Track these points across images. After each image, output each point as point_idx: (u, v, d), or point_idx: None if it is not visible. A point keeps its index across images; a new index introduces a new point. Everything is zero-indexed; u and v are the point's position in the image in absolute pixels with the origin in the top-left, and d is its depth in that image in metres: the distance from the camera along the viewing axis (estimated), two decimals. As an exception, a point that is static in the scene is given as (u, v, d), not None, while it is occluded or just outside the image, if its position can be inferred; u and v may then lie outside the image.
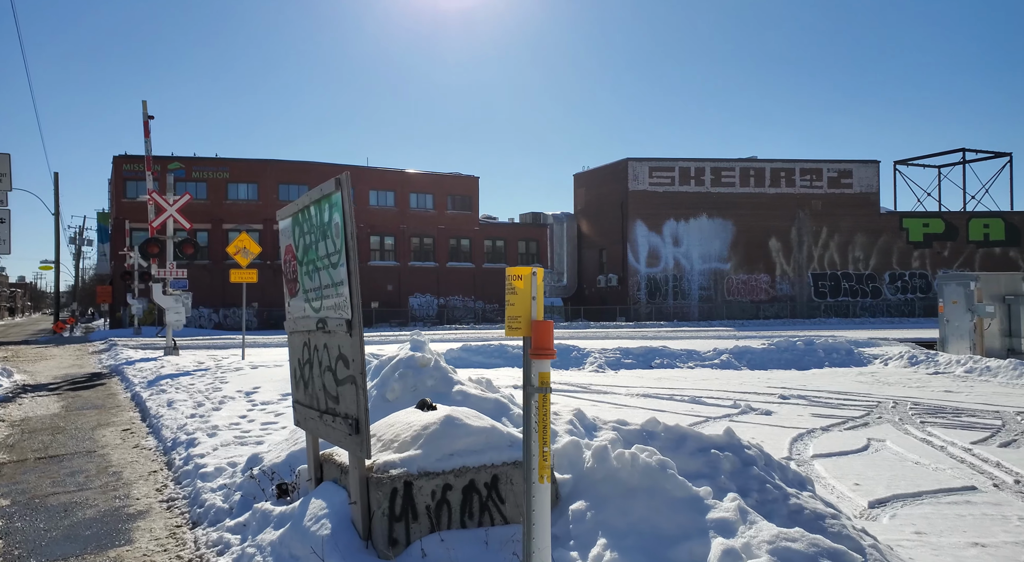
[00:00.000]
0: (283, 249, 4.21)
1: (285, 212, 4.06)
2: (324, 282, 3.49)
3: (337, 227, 3.22)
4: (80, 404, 10.75)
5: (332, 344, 3.41)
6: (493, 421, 3.54)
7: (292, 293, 4.07)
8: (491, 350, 18.99)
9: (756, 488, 3.57)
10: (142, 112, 18.05)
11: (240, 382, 10.87)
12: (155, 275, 17.98)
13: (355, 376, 3.12)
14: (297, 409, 4.08)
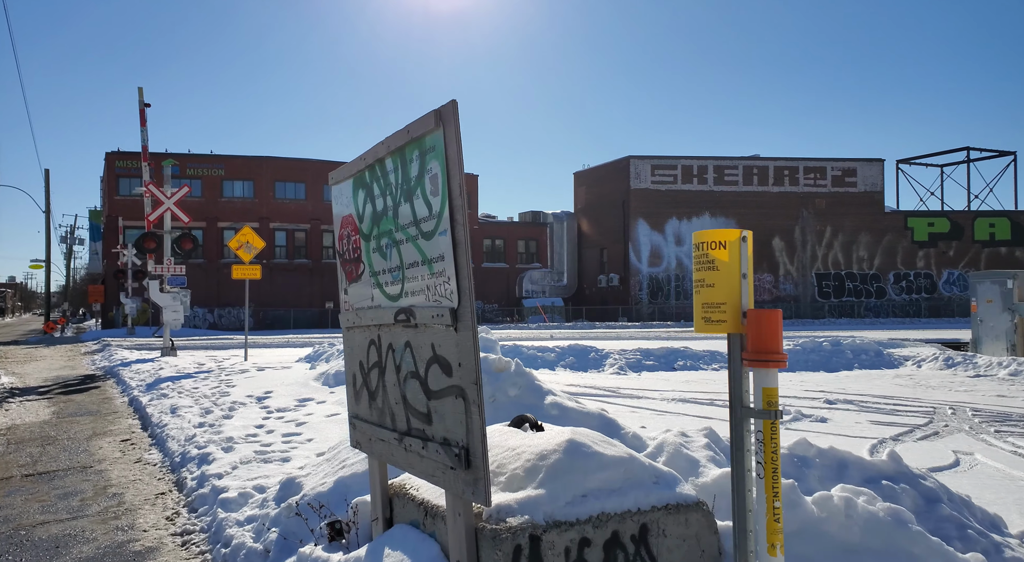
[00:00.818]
0: (338, 221, 3.33)
1: (343, 172, 3.18)
2: (409, 260, 2.62)
3: (436, 182, 2.35)
4: (73, 410, 9.82)
5: (421, 342, 2.54)
6: (627, 448, 2.68)
7: (352, 277, 3.20)
8: (504, 351, 18.11)
9: (957, 535, 2.75)
10: (138, 100, 17.09)
11: (249, 386, 9.96)
12: (152, 272, 17.00)
13: (464, 388, 2.26)
14: (357, 427, 3.21)
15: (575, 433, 2.66)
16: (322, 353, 13.50)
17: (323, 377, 9.72)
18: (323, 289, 45.78)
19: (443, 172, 2.30)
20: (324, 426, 6.66)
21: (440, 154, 2.30)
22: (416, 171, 2.50)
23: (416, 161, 2.49)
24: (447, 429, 2.39)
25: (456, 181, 2.24)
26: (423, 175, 2.45)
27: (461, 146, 2.22)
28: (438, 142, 2.30)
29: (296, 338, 27.91)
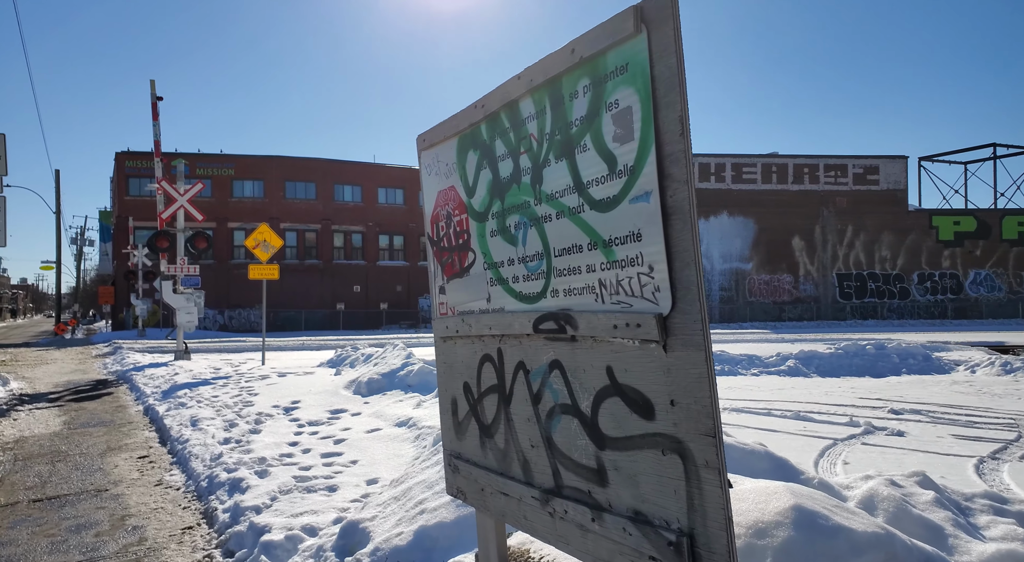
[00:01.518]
0: (430, 198, 2.55)
1: (441, 132, 2.40)
2: (561, 243, 1.84)
3: (627, 119, 1.57)
4: (85, 419, 9.10)
5: (584, 363, 1.76)
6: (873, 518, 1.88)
7: (453, 271, 2.42)
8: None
9: None
10: (150, 93, 16.41)
11: (273, 394, 9.21)
12: (165, 272, 16.31)
13: (682, 440, 1.47)
14: (461, 470, 2.42)
15: (793, 492, 1.86)
16: (346, 357, 12.75)
17: (354, 385, 8.96)
18: (334, 290, 45.16)
19: (645, 102, 1.51)
20: (367, 445, 5.89)
21: (639, 75, 1.51)
22: (584, 109, 1.71)
23: (584, 95, 1.70)
24: (641, 498, 1.59)
25: (673, 113, 1.45)
26: (598, 114, 1.66)
27: (683, 58, 1.42)
28: (636, 57, 1.51)
29: (310, 340, 27.22)
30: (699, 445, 1.43)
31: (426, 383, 8.28)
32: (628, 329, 1.59)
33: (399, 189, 48.60)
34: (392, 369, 8.83)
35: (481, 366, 2.29)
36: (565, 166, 1.80)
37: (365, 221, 46.85)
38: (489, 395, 2.25)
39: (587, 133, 1.71)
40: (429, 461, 3.78)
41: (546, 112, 1.86)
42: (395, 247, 48.45)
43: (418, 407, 6.98)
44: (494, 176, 2.14)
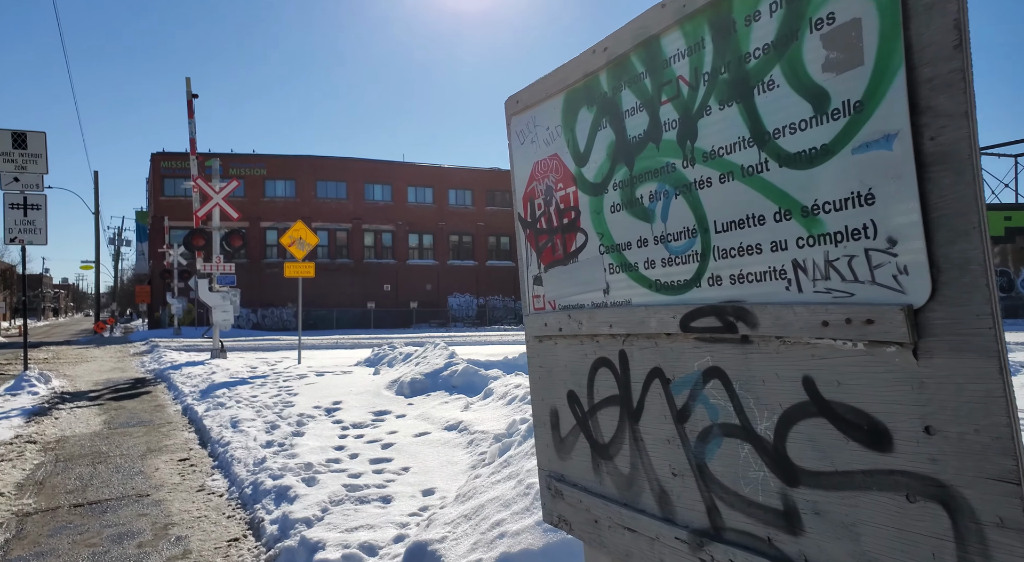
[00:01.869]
0: (524, 169, 2.15)
1: (542, 89, 1.99)
2: (725, 215, 1.42)
3: (851, 37, 1.14)
4: (124, 419, 8.95)
5: (773, 372, 1.34)
6: None
7: (553, 257, 2.01)
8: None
9: None
10: (185, 90, 16.37)
11: (313, 394, 8.94)
12: (200, 270, 16.27)
13: (958, 491, 1.04)
14: (564, 495, 2.02)
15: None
16: (383, 356, 12.47)
17: (396, 385, 8.64)
18: (364, 289, 45.24)
19: (887, 8, 1.08)
20: (417, 450, 5.53)
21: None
22: (772, 34, 1.29)
23: (772, 14, 1.28)
24: (864, 557, 1.17)
25: (942, 17, 1.02)
26: (795, 37, 1.24)
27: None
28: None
29: (344, 339, 27.15)
30: (983, 494, 1.00)
31: (471, 384, 7.92)
32: (849, 327, 1.16)
33: (428, 188, 48.52)
34: (435, 369, 8.49)
35: (594, 372, 1.88)
36: (736, 112, 1.38)
37: (395, 220, 46.86)
38: (606, 408, 1.84)
39: (775, 65, 1.28)
40: (500, 475, 3.39)
41: (704, 46, 1.44)
42: (425, 246, 48.41)
43: (466, 410, 6.61)
44: (618, 136, 1.72)
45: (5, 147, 12.05)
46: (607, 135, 1.77)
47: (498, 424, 5.65)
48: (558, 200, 1.99)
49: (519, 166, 2.17)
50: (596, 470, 1.89)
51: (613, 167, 1.76)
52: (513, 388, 6.49)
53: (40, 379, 11.87)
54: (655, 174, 1.61)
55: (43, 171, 12.33)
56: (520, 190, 2.17)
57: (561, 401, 2.04)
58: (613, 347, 1.80)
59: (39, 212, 12.29)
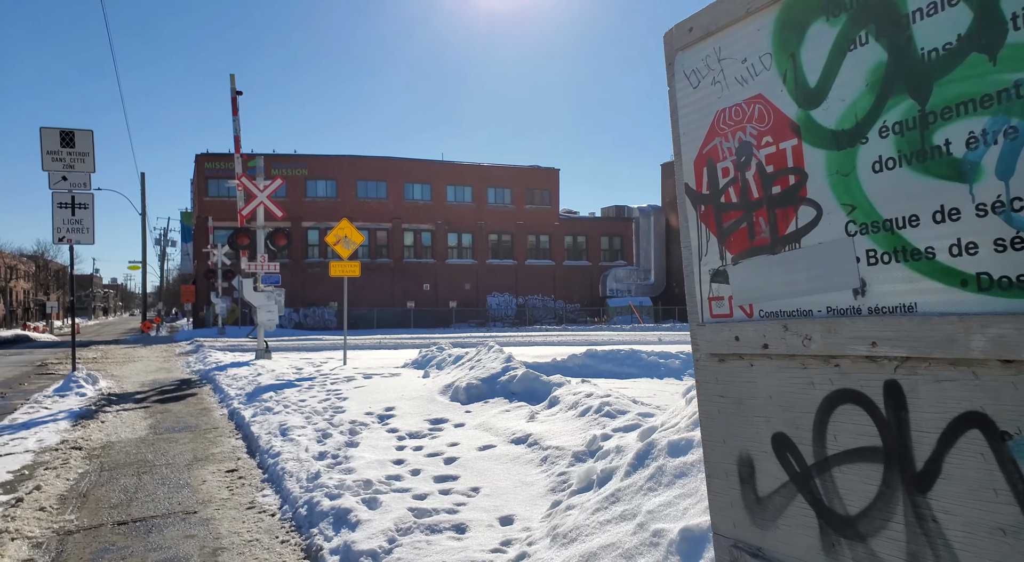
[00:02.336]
0: (697, 128, 1.57)
1: (738, 4, 1.42)
2: None
3: None
4: (170, 423, 8.67)
5: None
6: None
7: (756, 241, 1.44)
8: (620, 357, 16.22)
9: None
10: (230, 88, 16.24)
11: (363, 399, 8.51)
12: (245, 269, 16.11)
13: None
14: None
15: None
16: (432, 358, 12.03)
17: (450, 390, 8.15)
18: (404, 289, 45.19)
19: None
20: (484, 467, 5.00)
21: None
22: None
23: None
24: None
25: None
26: None
27: None
28: None
29: (386, 338, 26.92)
30: None
31: (532, 391, 7.37)
32: None
33: (467, 187, 48.23)
34: (492, 374, 7.97)
35: (829, 410, 1.30)
36: None
37: (434, 219, 46.71)
38: (853, 464, 1.26)
39: None
40: (607, 512, 2.82)
41: None
42: (463, 245, 48.15)
43: (532, 420, 6.05)
44: (894, 54, 1.14)
45: (53, 146, 11.98)
46: (868, 55, 1.18)
47: (573, 439, 5.08)
48: (762, 160, 1.41)
49: (689, 119, 1.59)
50: (830, 552, 1.30)
51: (880, 103, 1.17)
52: (584, 397, 5.92)
53: (88, 380, 11.76)
54: (982, 104, 1.02)
55: (90, 170, 12.23)
56: (690, 151, 1.60)
57: (760, 446, 1.46)
58: (871, 375, 1.21)
59: (86, 211, 12.20)
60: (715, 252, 1.55)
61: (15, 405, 10.45)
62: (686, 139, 1.61)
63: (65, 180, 12.08)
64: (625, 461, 3.13)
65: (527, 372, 7.65)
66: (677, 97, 1.63)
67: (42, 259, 71.89)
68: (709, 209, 1.56)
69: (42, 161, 11.96)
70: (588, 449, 4.58)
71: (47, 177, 12.05)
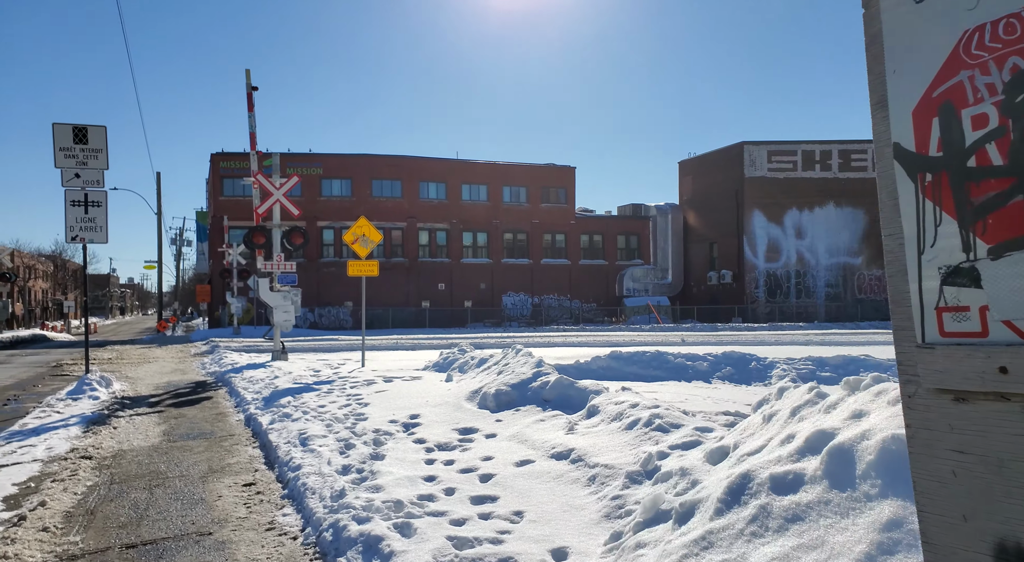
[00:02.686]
0: (918, 63, 1.08)
1: None
2: None
3: None
4: (184, 429, 8.29)
5: None
6: None
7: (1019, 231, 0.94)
8: (646, 359, 15.71)
9: None
10: (245, 83, 15.90)
11: (385, 405, 8.08)
12: (261, 269, 15.77)
13: None
14: None
15: None
16: (453, 360, 11.59)
17: (478, 397, 7.69)
18: (419, 288, 44.85)
19: None
20: (525, 487, 4.54)
21: None
22: None
23: None
24: None
25: None
26: None
27: None
28: None
29: (403, 339, 26.55)
30: None
31: (567, 398, 6.89)
32: None
33: (482, 185, 47.81)
34: (522, 379, 7.50)
35: None
36: None
37: (449, 218, 46.34)
38: None
39: None
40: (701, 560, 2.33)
41: None
42: (479, 244, 47.75)
43: (571, 432, 5.58)
44: None
45: (66, 142, 11.68)
46: None
47: (622, 456, 4.60)
48: None
49: (907, 46, 1.11)
50: None
51: None
52: (629, 407, 5.43)
53: (101, 383, 11.45)
54: None
55: (104, 167, 11.92)
56: (906, 96, 1.11)
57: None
58: None
59: (100, 209, 11.89)
60: (953, 241, 1.07)
61: (27, 409, 10.16)
62: (899, 79, 1.13)
63: (78, 177, 11.77)
64: (711, 495, 2.64)
65: (561, 378, 7.18)
66: (883, 16, 1.14)
67: (60, 259, 72.46)
68: (942, 179, 1.08)
69: (55, 158, 11.67)
70: (643, 469, 4.10)
71: (60, 175, 11.75)
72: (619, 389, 6.55)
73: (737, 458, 2.95)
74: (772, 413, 3.26)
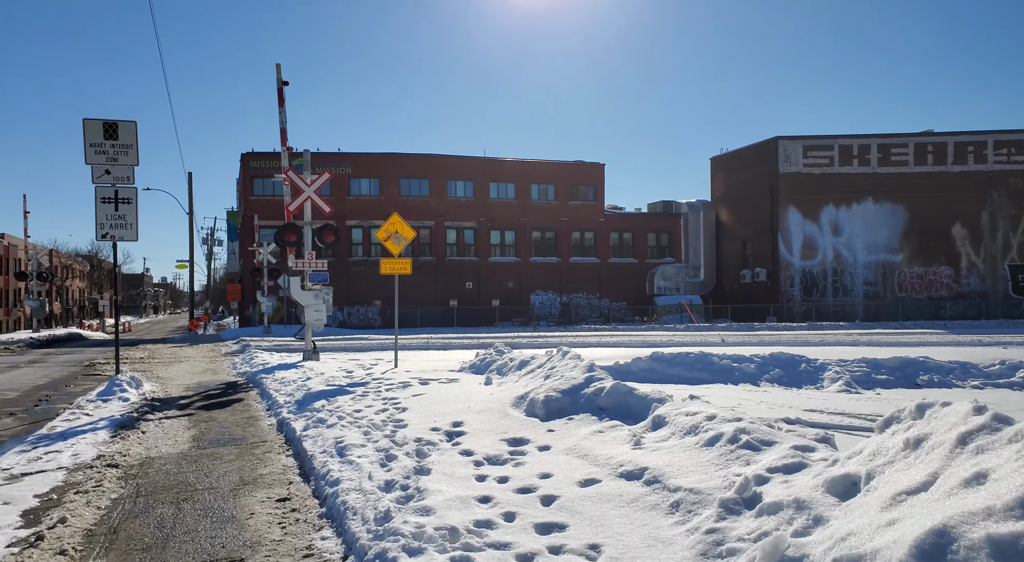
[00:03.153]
0: None
1: None
2: None
3: None
4: (215, 435, 7.90)
5: None
6: None
7: None
8: (690, 360, 15.02)
9: None
10: (276, 78, 15.60)
11: (424, 410, 7.58)
12: (292, 267, 15.42)
13: None
14: None
15: None
16: (490, 362, 11.07)
17: (524, 403, 7.15)
18: (447, 287, 44.50)
19: None
20: (597, 513, 3.97)
21: None
22: None
23: None
24: None
25: None
26: None
27: None
28: None
29: (433, 338, 26.15)
30: None
31: (625, 407, 6.31)
32: None
33: (510, 183, 47.28)
34: (574, 385, 6.94)
35: None
36: None
37: (477, 217, 45.92)
38: None
39: None
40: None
41: None
42: (506, 243, 47.25)
43: (638, 447, 5.00)
44: None
45: (96, 138, 11.43)
46: None
47: (707, 478, 4.01)
48: None
49: None
50: None
51: None
52: (704, 420, 4.83)
53: (131, 383, 11.17)
54: None
55: (134, 162, 11.65)
56: None
57: None
58: None
59: (130, 206, 11.62)
60: None
61: (57, 410, 9.91)
62: None
63: (108, 174, 11.52)
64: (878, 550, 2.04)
65: (618, 384, 6.59)
66: None
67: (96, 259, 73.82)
68: None
69: (85, 154, 11.43)
70: (740, 497, 3.51)
71: (90, 172, 11.50)
72: (687, 397, 5.96)
73: (891, 498, 2.35)
74: (919, 438, 2.66)
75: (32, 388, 12.90)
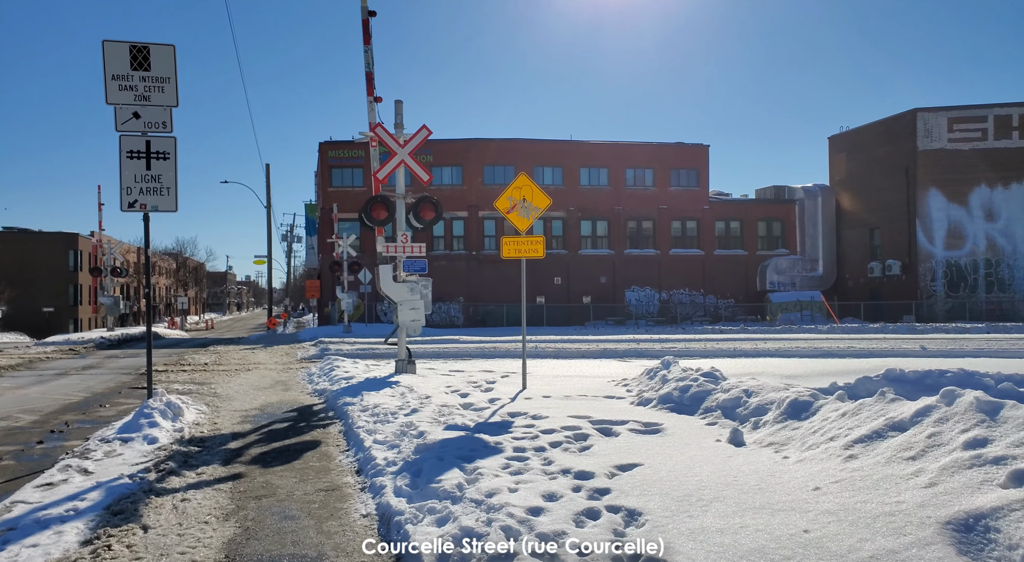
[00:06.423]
0: None
1: None
2: None
3: None
4: (267, 535, 4.30)
5: None
6: None
7: None
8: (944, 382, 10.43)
9: None
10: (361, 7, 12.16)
11: (671, 513, 3.69)
12: (381, 252, 11.93)
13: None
14: None
15: None
16: (699, 395, 7.08)
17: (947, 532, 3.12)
18: (534, 282, 40.61)
19: None
20: None
21: None
22: None
23: None
24: None
25: None
26: None
27: None
28: None
29: (540, 343, 22.11)
30: None
31: None
32: None
33: (603, 168, 42.95)
34: None
35: None
36: None
37: (566, 206, 41.77)
38: None
39: None
40: None
41: None
42: (598, 234, 42.91)
43: None
44: None
45: (121, 68, 8.19)
46: None
47: None
48: None
49: None
50: None
51: None
52: None
53: (167, 413, 7.83)
54: None
55: (172, 102, 8.35)
56: None
57: None
58: None
59: (167, 164, 8.31)
60: None
61: (61, 452, 6.70)
62: None
63: (137, 117, 8.25)
64: None
65: None
66: None
67: (181, 256, 74.54)
68: None
69: (106, 92, 8.22)
70: None
71: (112, 115, 8.26)
72: None
73: None
74: None
75: (59, 408, 9.93)
